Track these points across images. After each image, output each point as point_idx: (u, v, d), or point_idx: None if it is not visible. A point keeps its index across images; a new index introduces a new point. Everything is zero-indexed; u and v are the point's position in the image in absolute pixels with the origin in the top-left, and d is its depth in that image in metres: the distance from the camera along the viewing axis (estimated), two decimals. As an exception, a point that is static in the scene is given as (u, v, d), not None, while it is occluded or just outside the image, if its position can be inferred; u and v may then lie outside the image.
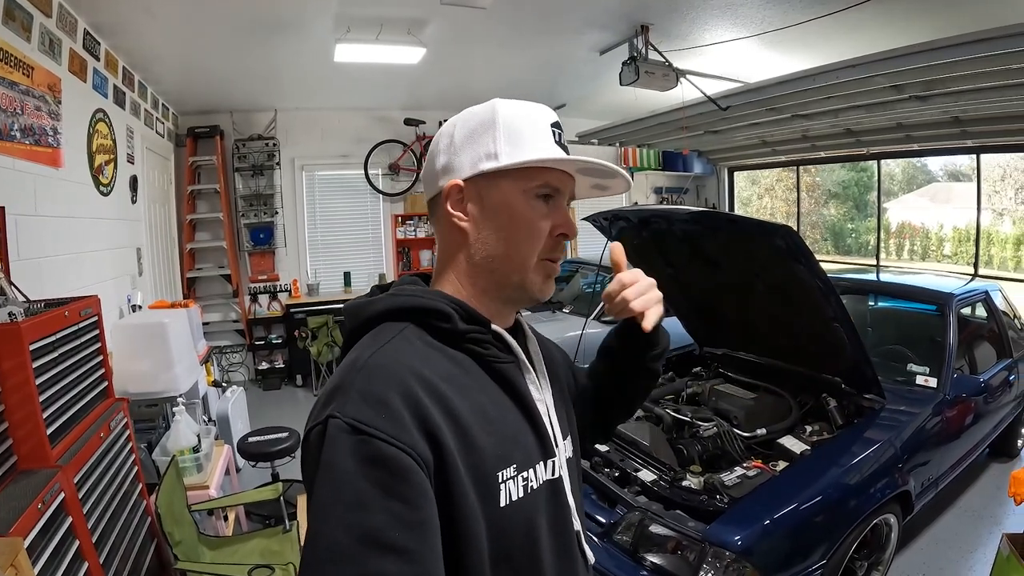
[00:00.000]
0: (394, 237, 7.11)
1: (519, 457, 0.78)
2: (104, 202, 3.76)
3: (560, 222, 0.82)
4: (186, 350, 3.45)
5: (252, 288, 6.51)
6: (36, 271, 2.73)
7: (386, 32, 4.11)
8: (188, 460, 2.76)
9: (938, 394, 2.84)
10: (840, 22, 3.84)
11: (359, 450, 0.63)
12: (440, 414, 0.70)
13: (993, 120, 5.21)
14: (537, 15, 4.07)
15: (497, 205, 0.81)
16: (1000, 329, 3.72)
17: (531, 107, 0.83)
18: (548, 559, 0.80)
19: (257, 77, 5.28)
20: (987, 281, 4.12)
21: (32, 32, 2.88)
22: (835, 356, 2.71)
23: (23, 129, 2.74)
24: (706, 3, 3.87)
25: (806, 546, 2.12)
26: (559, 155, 0.79)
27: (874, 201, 8.62)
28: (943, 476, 2.92)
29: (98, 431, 2.20)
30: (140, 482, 2.52)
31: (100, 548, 1.99)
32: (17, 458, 1.82)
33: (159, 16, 3.68)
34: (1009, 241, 8.67)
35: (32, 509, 1.64)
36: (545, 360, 0.93)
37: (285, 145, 6.46)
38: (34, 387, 1.86)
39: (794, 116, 5.72)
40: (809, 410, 2.81)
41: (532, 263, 0.81)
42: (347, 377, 0.71)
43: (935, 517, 3.29)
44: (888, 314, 4.06)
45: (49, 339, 1.99)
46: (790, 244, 2.31)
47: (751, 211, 10.94)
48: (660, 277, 1.03)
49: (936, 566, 2.91)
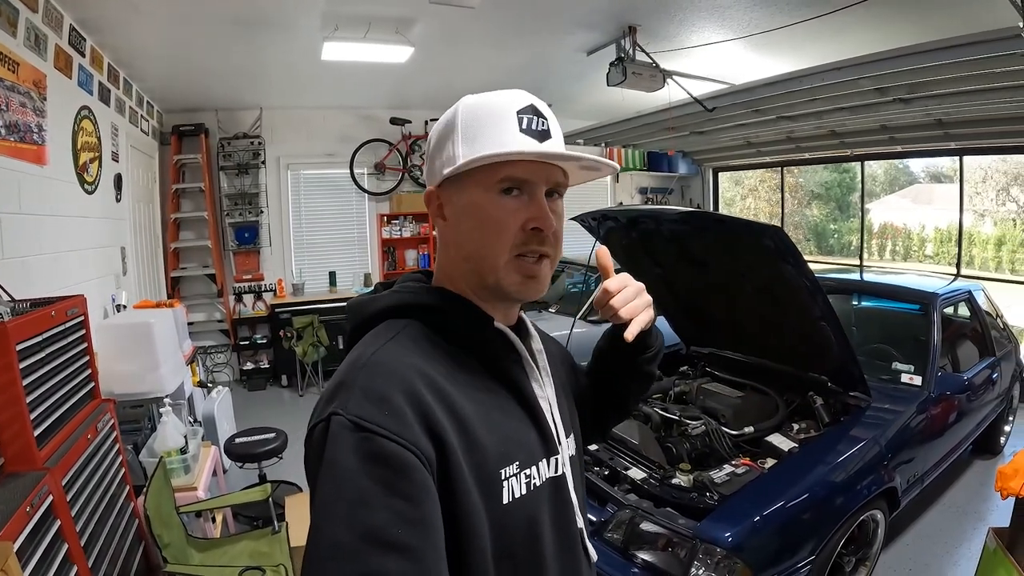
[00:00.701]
0: (379, 237, 7.07)
1: (522, 454, 0.78)
2: (88, 200, 3.71)
3: (532, 215, 0.78)
4: (172, 350, 3.42)
5: (237, 288, 6.45)
6: (20, 270, 2.69)
7: (374, 31, 4.09)
8: (176, 461, 2.73)
9: (922, 392, 2.89)
10: (825, 25, 3.87)
11: (362, 447, 0.63)
12: (443, 411, 0.70)
13: (975, 123, 5.29)
14: (525, 15, 4.07)
15: (465, 206, 0.79)
16: (983, 328, 3.79)
17: (497, 97, 0.80)
18: (551, 556, 0.80)
19: (243, 75, 5.24)
20: (969, 281, 4.18)
21: (18, 27, 2.84)
22: (822, 355, 2.74)
23: (8, 126, 2.70)
24: (694, 5, 3.90)
25: (795, 542, 2.14)
26: (516, 146, 0.75)
27: (856, 202, 8.73)
28: (928, 472, 2.96)
29: (85, 433, 2.18)
30: (127, 484, 2.50)
31: (89, 551, 1.97)
32: (3, 460, 1.79)
33: (145, 12, 3.64)
34: (990, 242, 8.81)
35: (20, 512, 1.62)
36: (548, 358, 0.92)
37: (270, 143, 6.41)
38: (21, 388, 1.83)
39: (779, 118, 5.77)
40: (796, 408, 2.85)
41: (502, 262, 0.78)
42: (350, 374, 0.71)
43: (920, 513, 3.35)
44: (873, 314, 4.11)
45: (36, 339, 1.97)
46: (779, 244, 2.34)
47: (735, 211, 11.02)
48: (648, 277, 1.04)
49: (922, 561, 2.96)
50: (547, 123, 0.80)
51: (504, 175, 0.76)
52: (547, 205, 0.79)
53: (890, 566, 2.89)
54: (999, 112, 4.78)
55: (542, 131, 0.78)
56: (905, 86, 4.30)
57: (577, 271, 5.53)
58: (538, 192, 0.79)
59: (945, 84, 4.16)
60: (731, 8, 3.89)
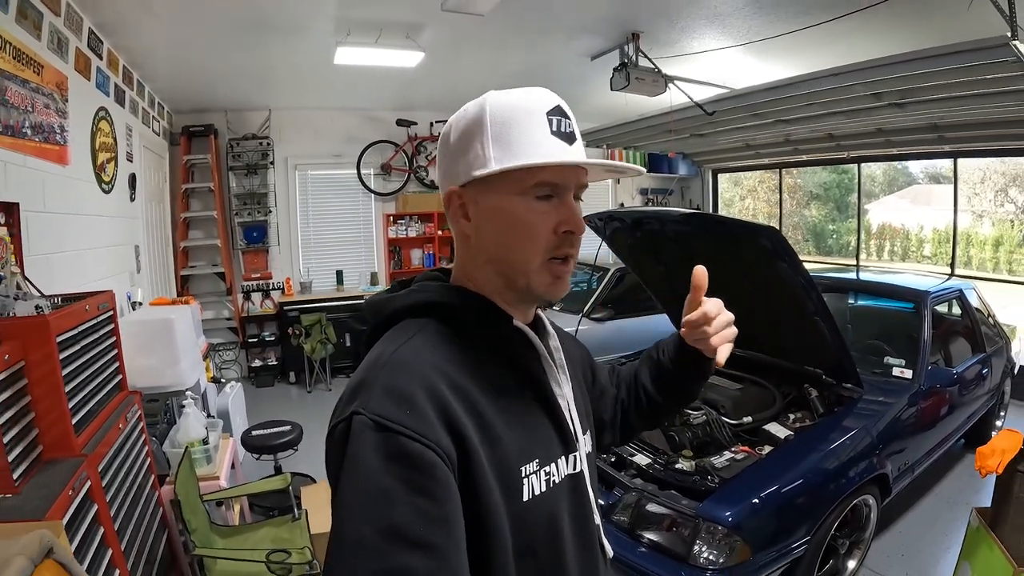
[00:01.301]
0: (385, 236, 7.19)
1: (541, 452, 0.79)
2: (105, 200, 3.80)
3: (565, 218, 0.78)
4: (190, 346, 3.52)
5: (245, 286, 6.55)
6: (44, 268, 2.76)
7: (385, 36, 4.19)
8: (198, 452, 2.84)
9: (913, 384, 3.01)
10: (822, 33, 3.99)
11: (384, 446, 0.64)
12: (463, 410, 0.70)
13: (968, 126, 5.39)
14: (532, 21, 4.17)
15: (493, 209, 0.78)
16: (974, 325, 3.90)
17: (526, 96, 0.79)
18: (570, 553, 0.81)
19: (253, 77, 5.33)
20: (963, 281, 4.29)
21: (42, 30, 2.92)
22: (816, 349, 2.87)
23: (33, 127, 2.78)
24: (695, 13, 4.01)
25: (790, 524, 2.27)
26: (553, 153, 0.76)
27: (855, 203, 8.81)
28: (919, 462, 3.08)
29: (116, 423, 2.26)
30: (152, 473, 2.60)
31: (121, 536, 2.06)
32: (42, 448, 1.87)
33: (162, 16, 3.73)
34: (988, 243, 8.87)
35: (64, 495, 1.70)
36: (565, 355, 0.93)
37: (279, 144, 6.52)
38: (60, 378, 1.92)
39: (777, 121, 5.87)
40: (792, 400, 2.97)
41: (535, 265, 0.78)
42: (371, 373, 0.71)
43: (914, 502, 3.47)
44: (867, 312, 4.23)
45: (72, 332, 2.07)
46: (775, 244, 2.46)
47: (734, 212, 11.11)
48: (651, 275, 1.10)
49: (914, 547, 3.08)
50: (572, 124, 0.80)
51: (539, 180, 0.76)
52: (576, 207, 0.80)
53: (884, 551, 3.01)
54: (991, 116, 4.89)
55: (570, 133, 0.79)
56: (899, 91, 4.40)
57: (581, 270, 5.63)
58: (568, 196, 0.79)
59: (938, 90, 4.26)
60: (731, 16, 4.00)
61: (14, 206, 2.53)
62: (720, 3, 3.81)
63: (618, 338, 4.65)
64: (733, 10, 3.90)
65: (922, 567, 2.91)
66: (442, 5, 3.57)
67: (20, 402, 1.79)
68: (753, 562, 2.12)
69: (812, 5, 3.70)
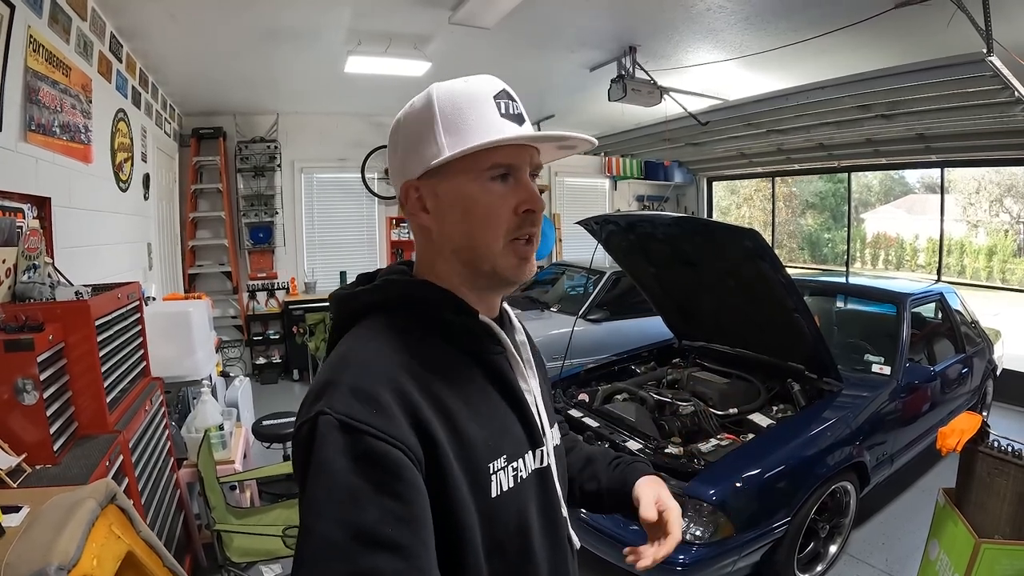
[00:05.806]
0: (388, 239, 7.34)
1: (509, 448, 0.79)
2: (123, 198, 3.92)
3: (523, 197, 0.78)
4: (205, 338, 3.67)
5: (251, 285, 6.68)
6: (69, 261, 2.87)
7: (394, 47, 4.35)
8: (215, 437, 2.98)
9: (891, 381, 3.18)
10: (813, 47, 4.16)
11: (350, 447, 0.63)
12: (430, 407, 0.70)
13: (954, 137, 5.59)
14: (534, 34, 4.33)
15: (452, 198, 0.78)
16: (954, 327, 4.07)
17: (470, 84, 0.80)
18: (539, 547, 0.81)
19: (263, 82, 5.47)
20: (945, 285, 4.47)
21: (71, 34, 3.06)
22: (797, 343, 3.06)
23: (62, 126, 2.91)
24: (690, 28, 4.18)
25: (771, 506, 2.44)
26: (504, 132, 0.76)
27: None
28: (898, 454, 3.25)
29: (142, 405, 2.42)
30: (172, 456, 2.75)
31: (145, 512, 2.19)
32: (78, 424, 2.03)
33: (182, 22, 3.86)
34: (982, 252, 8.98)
35: (101, 466, 1.85)
36: (531, 349, 0.93)
37: (286, 147, 6.66)
38: (98, 359, 2.08)
39: (770, 131, 6.06)
40: (776, 393, 3.15)
41: (498, 248, 0.78)
42: (336, 372, 0.70)
43: (895, 496, 3.63)
44: (853, 315, 4.41)
45: (107, 317, 2.22)
46: (756, 245, 2.65)
47: (731, 220, 11.28)
48: (644, 276, 1.21)
49: (895, 536, 3.24)
50: (519, 107, 0.81)
51: (493, 162, 0.76)
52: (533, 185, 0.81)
53: (865, 540, 3.18)
54: (975, 127, 5.08)
55: (518, 114, 0.80)
56: (886, 103, 4.60)
57: (578, 274, 5.80)
58: (524, 175, 0.79)
59: (922, 102, 4.46)
60: (724, 31, 4.17)
61: (46, 200, 2.67)
62: (714, 19, 3.97)
63: (613, 339, 4.81)
64: (726, 26, 4.07)
65: (902, 553, 3.07)
66: (450, 18, 3.74)
67: (60, 380, 1.94)
68: (736, 539, 2.28)
69: (801, 22, 3.87)
